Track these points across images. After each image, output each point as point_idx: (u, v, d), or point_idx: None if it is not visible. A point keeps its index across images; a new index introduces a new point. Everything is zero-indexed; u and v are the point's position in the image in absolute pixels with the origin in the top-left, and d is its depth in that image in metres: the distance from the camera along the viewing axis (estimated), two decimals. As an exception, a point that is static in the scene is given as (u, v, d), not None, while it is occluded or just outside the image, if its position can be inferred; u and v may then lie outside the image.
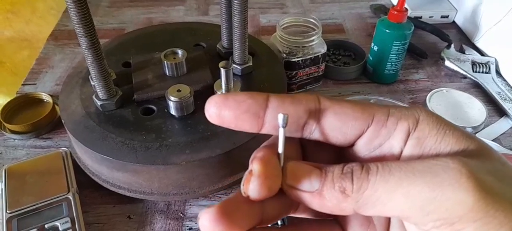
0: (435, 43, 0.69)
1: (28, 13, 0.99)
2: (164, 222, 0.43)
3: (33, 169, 0.45)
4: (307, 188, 0.18)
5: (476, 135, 0.52)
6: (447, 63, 0.63)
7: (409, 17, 0.55)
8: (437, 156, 0.18)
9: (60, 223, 0.40)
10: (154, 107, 0.44)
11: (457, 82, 0.62)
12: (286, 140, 0.19)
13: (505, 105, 0.55)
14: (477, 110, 0.54)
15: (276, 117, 0.18)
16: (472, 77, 0.60)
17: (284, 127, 0.18)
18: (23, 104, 0.56)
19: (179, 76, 0.46)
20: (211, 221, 0.17)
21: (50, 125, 0.53)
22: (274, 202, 0.19)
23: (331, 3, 0.83)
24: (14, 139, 0.52)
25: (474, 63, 0.62)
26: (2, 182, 0.44)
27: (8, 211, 0.40)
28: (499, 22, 0.62)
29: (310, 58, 0.55)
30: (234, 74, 0.44)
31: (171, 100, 0.41)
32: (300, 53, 0.55)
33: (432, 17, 0.74)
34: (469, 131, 0.52)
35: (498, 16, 0.62)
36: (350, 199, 0.17)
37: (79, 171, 0.45)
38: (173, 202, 0.45)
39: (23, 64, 1.02)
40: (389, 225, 0.21)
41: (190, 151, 0.39)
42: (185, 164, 0.38)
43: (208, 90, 0.44)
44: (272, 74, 0.49)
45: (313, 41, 0.55)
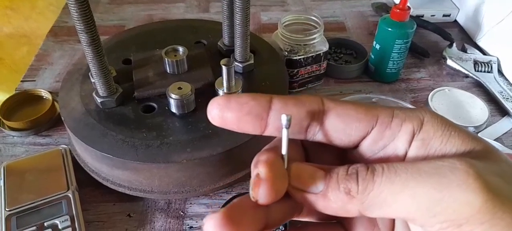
0: (437, 42, 0.69)
1: (27, 9, 0.99)
2: (165, 221, 0.43)
3: (32, 167, 0.45)
4: (311, 189, 0.18)
5: (478, 135, 0.52)
6: (449, 62, 0.63)
7: (411, 16, 0.55)
8: (443, 157, 0.18)
9: (60, 221, 0.39)
10: (155, 105, 0.43)
11: (459, 81, 0.62)
12: (289, 142, 0.19)
13: (507, 104, 0.55)
14: (479, 109, 0.54)
15: (279, 118, 0.18)
16: (474, 76, 0.60)
17: (288, 128, 0.18)
18: (22, 101, 0.56)
19: (180, 73, 0.46)
20: (216, 227, 0.17)
21: (49, 122, 0.53)
22: (278, 205, 0.19)
23: (333, 1, 0.83)
24: (13, 136, 0.52)
25: (476, 62, 0.62)
26: (1, 179, 0.43)
27: (7, 209, 0.40)
28: (501, 21, 0.62)
29: (312, 56, 0.55)
30: (235, 72, 0.44)
31: (172, 98, 0.41)
32: (301, 51, 0.54)
33: (434, 15, 0.73)
34: (471, 130, 0.52)
35: (500, 15, 0.62)
36: (355, 200, 0.17)
37: (78, 169, 0.45)
38: (173, 201, 0.44)
39: (22, 60, 1.02)
40: (393, 227, 0.21)
41: (191, 149, 0.39)
42: (186, 162, 0.38)
43: (209, 88, 0.44)
44: (273, 72, 0.49)
45: (314, 39, 0.54)
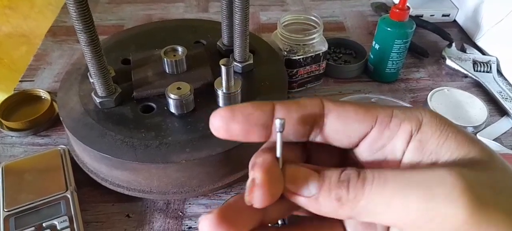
0: (436, 42, 0.69)
1: (26, 8, 0.98)
2: (163, 221, 0.42)
3: (30, 167, 0.45)
4: (304, 193, 0.18)
5: (477, 135, 0.52)
6: (448, 62, 0.63)
7: (410, 16, 0.55)
8: (435, 165, 0.18)
9: (58, 222, 0.39)
10: (154, 105, 0.43)
11: (458, 81, 0.62)
12: (290, 144, 0.19)
13: (506, 104, 0.55)
14: (478, 109, 0.54)
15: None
16: (473, 76, 0.60)
17: (282, 132, 0.18)
18: (20, 101, 0.56)
19: (179, 73, 0.46)
20: (210, 227, 0.17)
21: (48, 122, 0.53)
22: (275, 204, 0.19)
23: (332, 0, 0.83)
24: (12, 136, 0.52)
25: (475, 62, 0.62)
26: (-1, 179, 0.43)
27: (5, 210, 0.40)
28: (500, 21, 0.62)
29: (311, 56, 0.55)
30: (234, 72, 0.44)
31: (171, 98, 0.41)
32: (301, 51, 0.54)
33: (433, 15, 0.73)
34: (470, 130, 0.52)
35: (499, 15, 0.62)
36: (345, 206, 0.17)
37: (77, 169, 0.44)
38: (172, 201, 0.44)
39: (21, 60, 1.01)
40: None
41: (190, 149, 0.39)
42: (185, 162, 0.38)
43: (208, 88, 0.44)
44: (272, 72, 0.49)
45: (314, 39, 0.54)
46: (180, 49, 0.47)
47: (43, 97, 0.56)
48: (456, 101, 0.55)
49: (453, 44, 0.65)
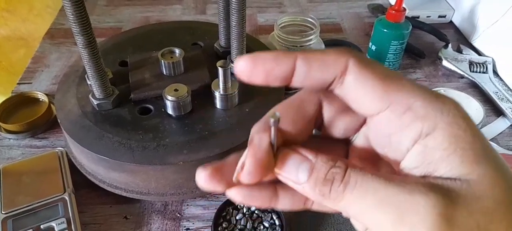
0: (432, 43, 0.69)
1: (24, 11, 0.99)
2: (161, 223, 0.43)
3: (28, 169, 0.45)
4: (293, 178, 0.19)
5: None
6: (445, 63, 0.63)
7: (406, 17, 0.55)
8: (425, 178, 0.18)
9: (56, 224, 0.39)
10: (151, 107, 0.43)
11: (454, 82, 0.62)
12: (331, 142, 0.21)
13: (503, 105, 0.56)
14: (474, 110, 0.54)
15: (303, 77, 0.18)
16: (470, 77, 0.60)
17: (276, 126, 0.19)
18: (18, 103, 0.56)
19: (176, 75, 0.46)
20: (206, 178, 0.20)
21: (46, 124, 0.53)
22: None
23: (329, 2, 0.83)
24: (10, 139, 0.52)
25: (471, 63, 0.62)
26: (-3, 182, 0.43)
27: (3, 212, 0.40)
28: (496, 22, 0.62)
29: (308, 57, 0.55)
30: (231, 73, 0.44)
31: (168, 100, 0.41)
32: (298, 53, 0.54)
33: (429, 17, 0.74)
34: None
35: (495, 16, 0.62)
36: (328, 202, 0.18)
37: (75, 171, 0.45)
38: (170, 202, 0.44)
39: (19, 63, 1.01)
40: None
41: (188, 150, 0.39)
42: (182, 164, 0.38)
43: (205, 90, 0.44)
44: (270, 74, 0.49)
45: (311, 40, 0.55)
46: (177, 51, 0.47)
47: (41, 99, 0.56)
48: (453, 101, 0.55)
49: (449, 45, 0.65)
